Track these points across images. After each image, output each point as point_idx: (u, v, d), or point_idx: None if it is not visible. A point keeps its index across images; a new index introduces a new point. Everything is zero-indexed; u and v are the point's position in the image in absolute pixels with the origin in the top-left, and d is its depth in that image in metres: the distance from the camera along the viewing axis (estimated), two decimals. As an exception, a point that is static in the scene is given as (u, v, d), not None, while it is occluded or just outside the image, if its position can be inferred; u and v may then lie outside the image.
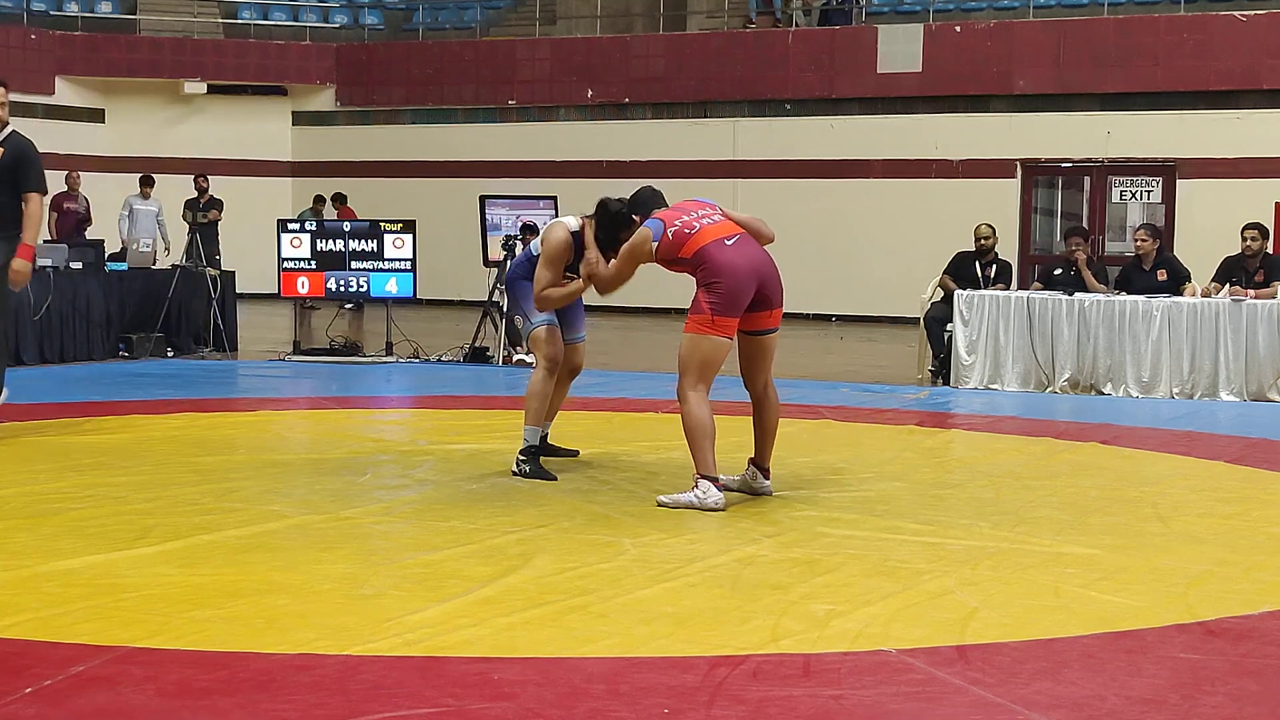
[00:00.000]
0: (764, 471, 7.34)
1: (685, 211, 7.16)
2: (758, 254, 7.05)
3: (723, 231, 7.04)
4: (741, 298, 6.94)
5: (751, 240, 7.08)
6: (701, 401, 6.99)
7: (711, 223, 7.08)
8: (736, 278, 6.92)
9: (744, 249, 7.00)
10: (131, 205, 20.05)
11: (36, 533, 6.18)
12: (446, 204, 22.76)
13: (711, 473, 6.96)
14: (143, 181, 20.28)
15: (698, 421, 6.96)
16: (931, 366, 13.39)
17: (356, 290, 14.96)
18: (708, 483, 6.93)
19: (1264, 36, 19.86)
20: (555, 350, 7.87)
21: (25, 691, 4.08)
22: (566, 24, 25.36)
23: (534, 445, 7.84)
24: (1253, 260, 12.61)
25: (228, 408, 11.13)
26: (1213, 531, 6.72)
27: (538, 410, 7.85)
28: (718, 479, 6.98)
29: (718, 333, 6.94)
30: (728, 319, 6.94)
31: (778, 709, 4.06)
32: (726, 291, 6.91)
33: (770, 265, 7.08)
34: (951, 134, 21.43)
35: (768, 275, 7.04)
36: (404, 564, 5.75)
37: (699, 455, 6.97)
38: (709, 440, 6.97)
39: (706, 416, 6.97)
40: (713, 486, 6.93)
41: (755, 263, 7.00)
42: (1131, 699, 4.22)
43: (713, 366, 7.02)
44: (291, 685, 4.20)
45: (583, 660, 4.50)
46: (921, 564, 5.86)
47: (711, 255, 6.95)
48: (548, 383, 7.88)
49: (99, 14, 25.58)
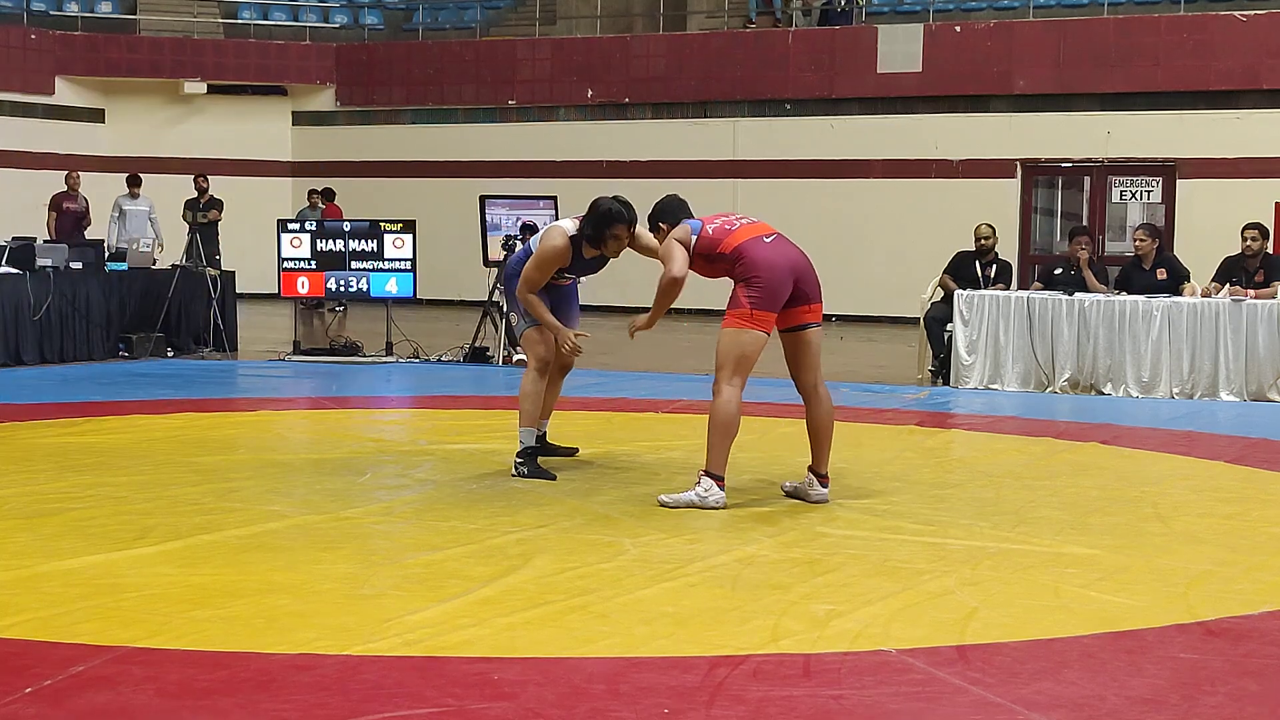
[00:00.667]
0: (820, 479, 7.25)
1: (719, 217, 7.31)
2: (794, 252, 7.15)
3: (760, 230, 7.17)
4: (780, 292, 7.01)
5: (787, 240, 7.21)
6: (734, 398, 7.00)
7: (749, 223, 7.22)
8: (775, 273, 7.00)
9: (781, 247, 7.11)
10: (121, 206, 19.99)
11: (36, 533, 6.18)
12: (446, 204, 22.75)
13: (720, 471, 6.96)
14: (130, 181, 20.21)
15: (725, 417, 6.97)
16: (931, 366, 13.39)
17: (357, 290, 14.95)
18: (711, 481, 6.94)
19: (1264, 36, 19.86)
20: (547, 350, 7.87)
21: (25, 691, 4.08)
22: (566, 24, 25.36)
23: (531, 446, 7.84)
24: (1253, 260, 12.60)
25: (228, 408, 11.13)
26: (1213, 531, 6.72)
27: (531, 411, 7.85)
28: (722, 479, 6.98)
29: (756, 327, 6.99)
30: (766, 313, 7.00)
31: (778, 709, 4.07)
32: (765, 286, 6.98)
33: (806, 262, 7.17)
34: (951, 134, 21.42)
35: (804, 271, 7.12)
36: (404, 564, 5.75)
37: (714, 452, 6.97)
38: (728, 440, 6.99)
39: (734, 414, 6.99)
40: (715, 485, 6.94)
41: (792, 259, 7.10)
42: (1131, 699, 4.23)
43: (749, 361, 7.04)
44: (292, 685, 4.20)
45: (583, 660, 4.50)
46: (921, 564, 5.87)
47: (750, 251, 7.03)
48: (539, 382, 7.88)
49: (99, 14, 25.56)
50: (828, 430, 7.28)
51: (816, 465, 7.27)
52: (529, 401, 7.85)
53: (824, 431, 7.27)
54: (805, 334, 7.23)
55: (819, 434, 7.27)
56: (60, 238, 18.12)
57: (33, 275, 13.82)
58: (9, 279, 13.63)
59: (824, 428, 7.28)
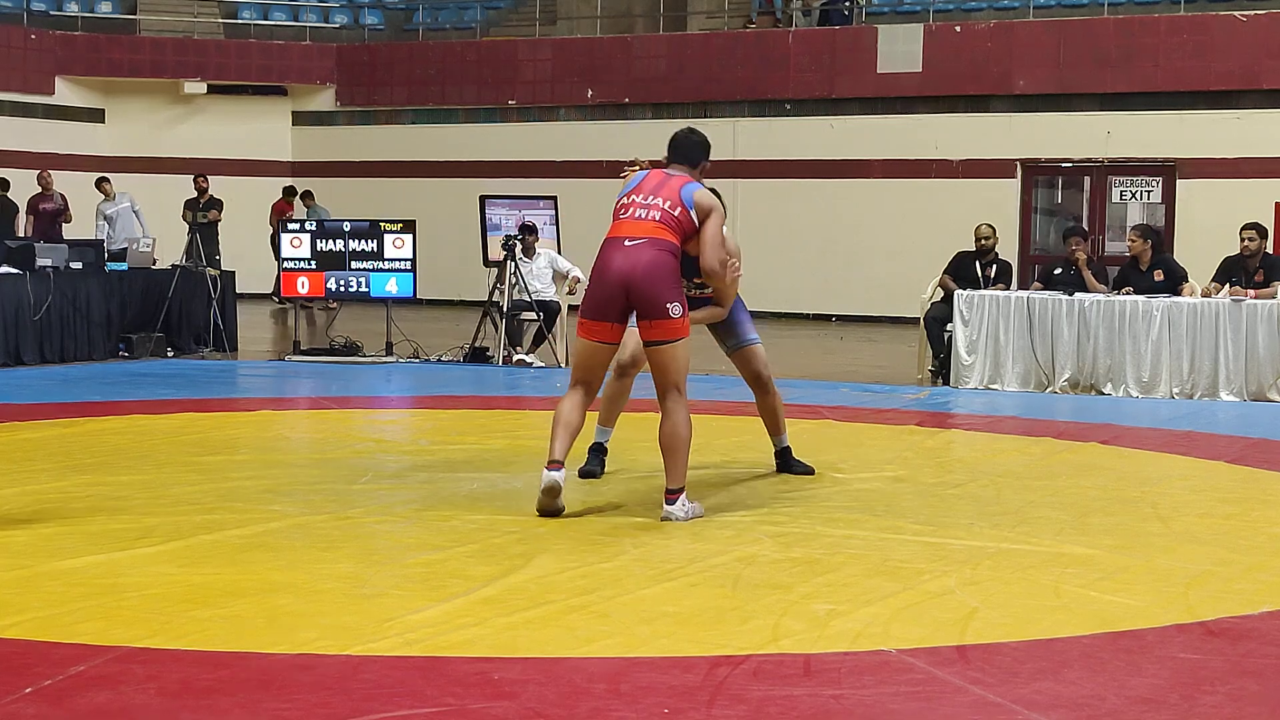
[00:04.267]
0: (666, 494, 6.70)
1: (634, 194, 6.85)
2: (638, 263, 6.62)
3: (623, 231, 6.74)
4: (603, 303, 6.70)
5: (650, 247, 6.64)
6: (564, 399, 6.82)
7: (629, 219, 6.75)
8: (597, 282, 6.76)
9: (629, 254, 6.64)
10: (104, 212, 19.97)
11: (36, 533, 6.18)
12: (446, 204, 22.74)
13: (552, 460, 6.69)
14: (98, 184, 20.21)
15: (556, 413, 6.75)
16: (931, 366, 13.39)
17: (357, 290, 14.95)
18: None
19: (1264, 36, 19.85)
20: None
21: (25, 691, 4.08)
22: (567, 24, 25.35)
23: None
24: (1252, 260, 12.61)
25: (228, 408, 11.13)
26: (1213, 531, 6.72)
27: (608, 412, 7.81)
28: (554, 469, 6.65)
29: (579, 333, 6.86)
30: (588, 321, 6.80)
31: (778, 709, 4.07)
32: (589, 293, 6.84)
33: (641, 275, 6.60)
34: (951, 134, 21.42)
35: (635, 284, 6.61)
36: (405, 563, 5.76)
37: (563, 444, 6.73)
38: (558, 430, 6.67)
39: (565, 412, 6.71)
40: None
41: (623, 272, 6.63)
42: (1131, 699, 4.23)
43: (578, 368, 6.89)
44: (293, 685, 4.21)
45: (584, 660, 4.50)
46: (921, 564, 5.87)
47: (601, 250, 6.81)
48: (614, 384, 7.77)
49: (99, 14, 25.56)
50: (666, 449, 6.71)
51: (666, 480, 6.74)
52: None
53: (664, 449, 6.73)
54: (650, 351, 6.77)
55: (663, 451, 6.74)
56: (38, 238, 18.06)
57: (33, 275, 13.82)
58: (9, 279, 13.63)
59: (664, 447, 6.72)
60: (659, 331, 6.69)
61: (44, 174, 19.97)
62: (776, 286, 21.98)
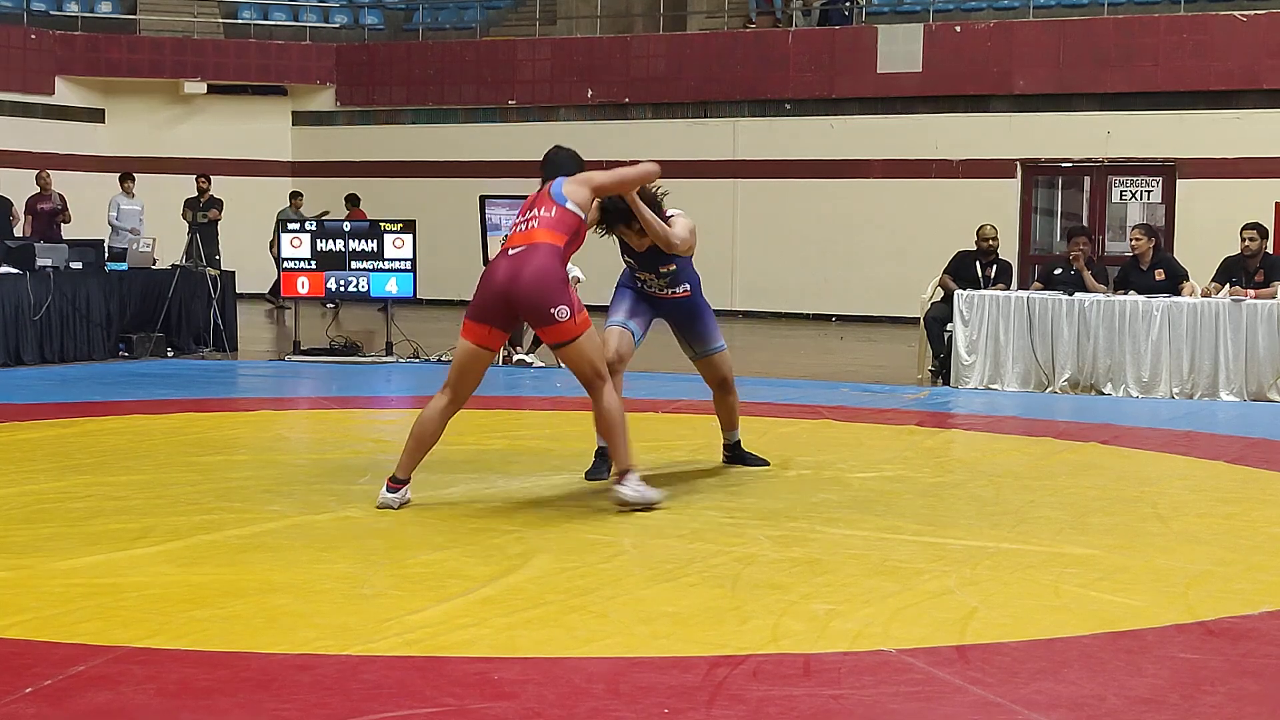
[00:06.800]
0: (617, 475, 6.95)
1: (521, 213, 7.04)
2: (521, 271, 6.73)
3: (512, 241, 6.90)
4: (481, 308, 6.86)
5: (533, 253, 6.75)
6: (431, 402, 6.99)
7: (520, 231, 6.91)
8: (483, 288, 6.88)
9: (513, 261, 6.77)
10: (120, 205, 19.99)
11: (36, 533, 6.18)
12: (446, 204, 22.74)
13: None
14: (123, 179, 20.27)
15: (417, 421, 6.99)
16: (931, 366, 13.39)
17: (357, 290, 14.95)
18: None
19: (1264, 36, 19.85)
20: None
21: (25, 691, 4.08)
22: (567, 24, 25.36)
23: None
24: (1253, 260, 12.61)
25: (228, 408, 11.13)
26: (1213, 531, 6.72)
27: None
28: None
29: (461, 332, 6.96)
30: (468, 321, 6.91)
31: (778, 709, 4.07)
32: (475, 296, 6.92)
33: (524, 285, 6.71)
34: (951, 134, 21.42)
35: (517, 295, 6.73)
36: (404, 564, 5.75)
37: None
38: (411, 443, 6.96)
39: (425, 422, 6.94)
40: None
41: (505, 281, 6.75)
42: (1131, 699, 4.23)
43: (453, 368, 7.02)
44: (292, 685, 4.21)
45: (583, 660, 4.50)
46: (921, 564, 5.87)
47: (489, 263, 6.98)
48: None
49: (99, 14, 25.55)
50: (605, 430, 7.04)
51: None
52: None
53: (602, 430, 7.11)
54: (558, 351, 6.94)
55: (600, 435, 7.17)
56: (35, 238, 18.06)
57: (33, 275, 13.82)
58: (9, 279, 13.63)
59: (601, 428, 7.11)
60: (553, 336, 6.85)
61: (42, 174, 19.97)
62: (776, 286, 21.99)
